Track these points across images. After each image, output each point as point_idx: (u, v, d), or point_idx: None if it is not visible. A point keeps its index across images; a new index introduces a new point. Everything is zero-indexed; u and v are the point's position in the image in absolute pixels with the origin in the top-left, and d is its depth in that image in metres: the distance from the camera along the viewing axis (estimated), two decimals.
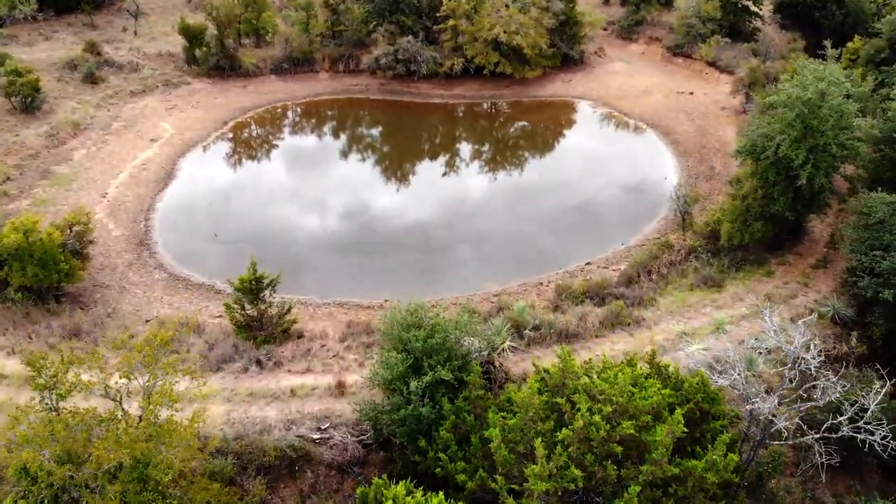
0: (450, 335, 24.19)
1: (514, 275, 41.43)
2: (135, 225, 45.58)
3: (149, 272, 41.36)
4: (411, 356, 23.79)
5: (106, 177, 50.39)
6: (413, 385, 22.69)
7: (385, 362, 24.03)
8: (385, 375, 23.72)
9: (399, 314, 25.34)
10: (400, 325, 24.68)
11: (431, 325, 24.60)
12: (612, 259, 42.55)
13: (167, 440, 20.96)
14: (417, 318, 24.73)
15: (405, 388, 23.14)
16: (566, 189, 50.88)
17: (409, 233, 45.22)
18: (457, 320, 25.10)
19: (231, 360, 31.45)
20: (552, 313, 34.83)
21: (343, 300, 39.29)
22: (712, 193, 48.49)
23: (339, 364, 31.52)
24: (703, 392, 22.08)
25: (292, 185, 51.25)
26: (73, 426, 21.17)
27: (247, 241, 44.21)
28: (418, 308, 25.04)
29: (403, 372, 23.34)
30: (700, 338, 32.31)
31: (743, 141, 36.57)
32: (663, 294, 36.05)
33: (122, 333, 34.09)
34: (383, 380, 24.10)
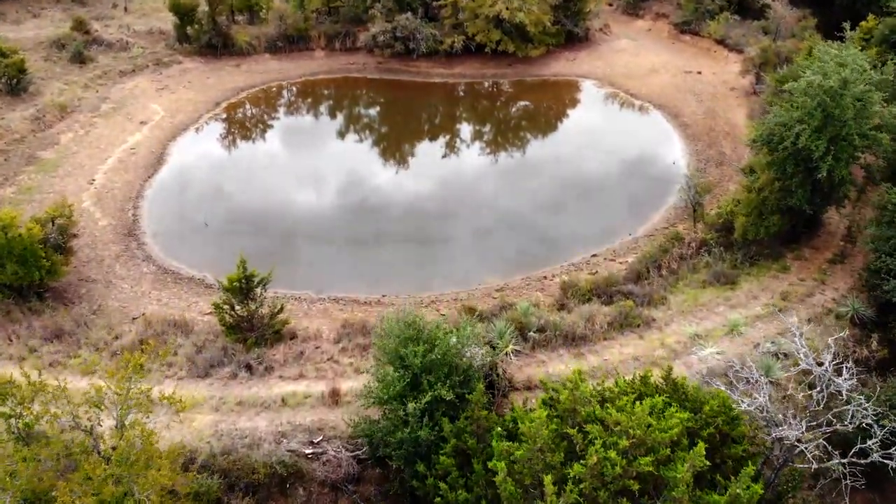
0: (450, 350, 22.53)
1: (517, 268, 39.77)
2: (123, 214, 43.83)
3: (136, 265, 39.69)
4: (409, 372, 22.17)
5: (93, 162, 48.55)
6: (411, 407, 21.09)
7: (381, 380, 22.40)
8: (381, 394, 22.11)
9: (395, 326, 23.65)
10: (396, 339, 23.00)
11: (431, 337, 22.92)
12: (619, 251, 40.84)
13: (140, 481, 19.29)
14: (415, 331, 23.04)
15: (402, 410, 21.54)
16: (570, 174, 49.02)
17: (408, 223, 43.44)
18: (458, 334, 23.39)
19: (220, 365, 29.89)
20: (557, 313, 33.22)
21: (339, 295, 37.66)
22: (722, 180, 46.67)
23: (334, 369, 29.98)
24: (725, 415, 20.48)
25: (287, 171, 49.35)
26: (44, 460, 19.56)
27: (239, 231, 42.50)
28: (416, 320, 23.35)
29: (401, 391, 21.73)
30: (714, 340, 30.70)
31: (758, 130, 34.66)
32: (674, 291, 34.40)
33: (108, 333, 32.55)
34: (379, 398, 22.49)
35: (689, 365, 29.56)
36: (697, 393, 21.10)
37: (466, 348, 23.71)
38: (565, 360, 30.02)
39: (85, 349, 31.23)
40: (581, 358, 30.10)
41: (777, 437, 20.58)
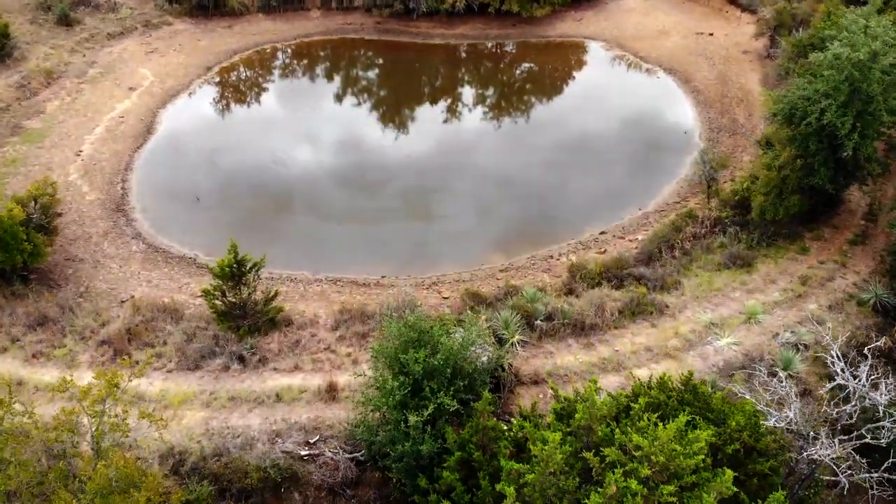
0: (453, 354, 20.98)
1: (522, 246, 38.11)
2: (111, 188, 42.02)
3: (126, 243, 38.04)
4: (410, 378, 20.67)
5: (81, 131, 46.53)
6: (413, 420, 19.61)
7: (380, 387, 20.88)
8: (379, 404, 20.61)
9: (395, 326, 22.06)
10: (396, 342, 21.43)
11: (433, 339, 21.36)
12: (628, 227, 39.12)
13: None
14: (416, 333, 21.45)
15: (403, 422, 20.07)
16: (577, 144, 46.97)
17: (408, 197, 41.62)
18: (463, 335, 21.74)
19: (211, 356, 28.43)
20: (565, 298, 31.68)
21: (336, 276, 36.08)
22: (735, 150, 44.71)
23: (331, 361, 28.52)
24: (751, 428, 19.03)
25: (282, 140, 47.28)
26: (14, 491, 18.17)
27: (232, 206, 40.81)
28: (418, 321, 21.76)
29: (401, 399, 20.24)
30: (730, 329, 29.20)
31: (779, 103, 32.65)
32: (687, 274, 32.79)
33: (94, 320, 31.04)
34: (377, 408, 20.98)
35: (704, 356, 28.13)
36: (721, 404, 19.59)
37: (471, 349, 22.13)
38: (574, 351, 28.58)
39: (70, 338, 29.73)
40: (590, 349, 28.65)
41: (810, 458, 19.14)
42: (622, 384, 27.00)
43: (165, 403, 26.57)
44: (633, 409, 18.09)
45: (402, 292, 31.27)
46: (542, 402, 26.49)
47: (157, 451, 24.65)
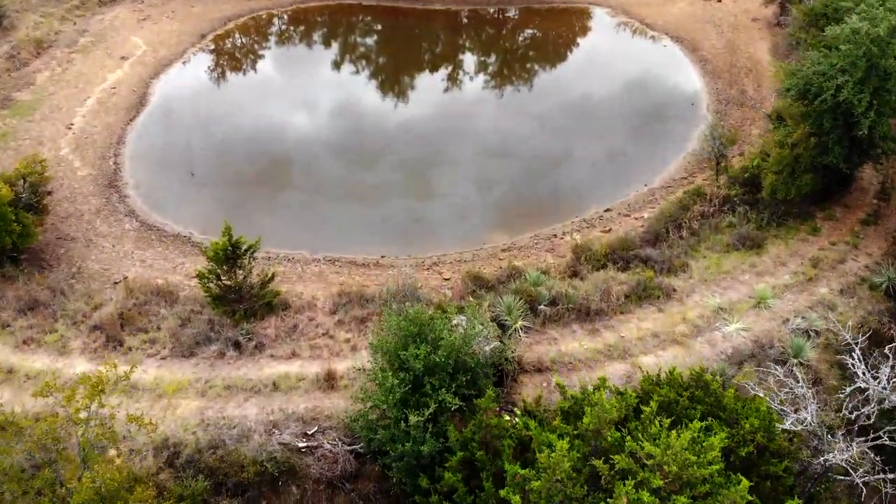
0: (455, 350, 20.17)
1: (525, 224, 37.16)
2: (103, 162, 40.97)
3: (119, 220, 37.12)
4: (410, 374, 19.91)
5: (72, 104, 45.33)
6: (413, 420, 18.89)
7: (380, 385, 20.09)
8: (379, 402, 19.85)
9: (395, 320, 21.23)
10: (396, 336, 20.61)
11: (434, 331, 20.56)
12: (634, 205, 38.14)
13: None
14: (417, 327, 20.64)
15: (403, 421, 19.36)
16: (580, 116, 45.78)
17: (408, 172, 40.54)
18: (464, 333, 20.89)
19: (206, 342, 27.68)
20: (569, 280, 30.85)
21: (335, 256, 35.21)
22: (744, 123, 43.53)
23: (329, 347, 27.76)
24: (765, 430, 18.32)
25: (279, 112, 46.05)
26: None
27: (227, 182, 39.84)
28: (418, 314, 20.93)
29: (402, 396, 19.50)
30: (739, 314, 28.40)
31: (793, 79, 31.45)
32: (695, 256, 31.92)
33: (86, 303, 30.26)
34: (376, 405, 20.21)
35: (712, 343, 27.38)
36: (734, 403, 18.83)
37: (474, 342, 21.33)
38: (578, 337, 27.83)
39: (62, 323, 28.97)
40: (595, 335, 27.88)
41: (826, 462, 18.46)
42: (628, 372, 26.34)
43: (159, 392, 25.90)
44: (645, 413, 17.35)
45: (403, 273, 30.41)
46: (546, 390, 25.85)
47: (152, 443, 24.07)
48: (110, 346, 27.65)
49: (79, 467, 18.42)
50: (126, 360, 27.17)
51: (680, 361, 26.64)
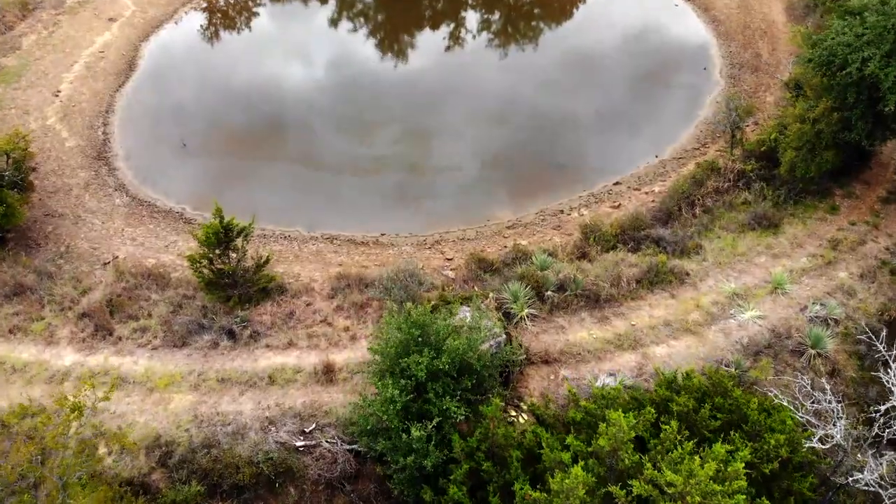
0: (459, 354, 18.97)
1: (530, 199, 35.69)
2: (92, 132, 39.34)
3: (108, 195, 35.70)
4: (412, 380, 18.78)
5: (58, 69, 43.42)
6: (416, 434, 17.80)
7: (380, 393, 18.93)
8: (380, 412, 18.72)
9: (395, 321, 20.00)
10: (397, 341, 19.39)
11: (438, 334, 19.37)
12: (644, 178, 36.63)
13: None
14: (419, 329, 19.43)
15: (405, 434, 18.27)
16: (588, 80, 43.84)
17: (409, 142, 38.82)
18: (468, 338, 19.57)
19: (199, 331, 26.55)
20: (577, 262, 29.58)
21: (333, 233, 33.89)
22: (758, 89, 41.68)
23: (327, 336, 26.63)
24: (790, 444, 17.25)
25: (275, 76, 44.13)
26: None
27: (221, 153, 38.24)
28: (421, 316, 19.68)
29: (404, 403, 18.38)
30: (755, 301, 27.22)
31: (816, 50, 29.69)
32: (709, 236, 30.59)
33: (74, 287, 29.08)
34: (377, 417, 19.07)
35: (727, 332, 26.25)
36: (758, 414, 17.70)
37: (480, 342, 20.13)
38: (587, 325, 26.69)
39: (49, 309, 27.84)
40: (605, 323, 26.74)
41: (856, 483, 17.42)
42: (639, 363, 25.28)
43: (151, 386, 24.88)
44: (665, 433, 16.24)
45: (404, 253, 29.17)
46: (554, 383, 24.86)
47: (144, 441, 23.15)
48: (99, 335, 26.53)
49: (59, 492, 17.37)
50: (116, 350, 26.18)
51: (693, 352, 25.61)
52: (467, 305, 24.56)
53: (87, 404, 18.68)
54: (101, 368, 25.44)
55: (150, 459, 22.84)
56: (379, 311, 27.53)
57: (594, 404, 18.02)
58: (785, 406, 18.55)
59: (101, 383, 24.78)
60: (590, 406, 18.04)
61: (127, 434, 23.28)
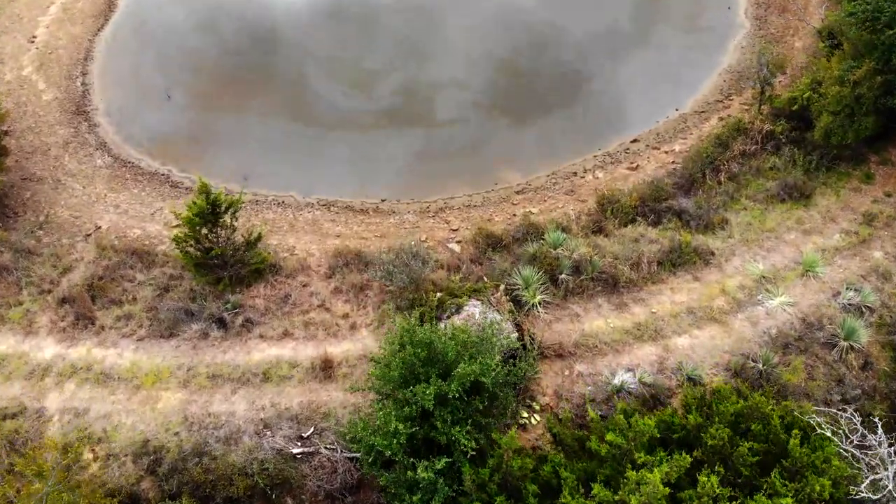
0: (468, 377, 17.14)
1: (541, 159, 33.26)
2: (70, 83, 36.62)
3: (89, 155, 33.36)
4: (417, 407, 17.05)
5: (33, 12, 40.28)
6: (423, 474, 16.17)
7: (382, 423, 17.18)
8: (381, 445, 17.03)
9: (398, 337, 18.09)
10: (401, 364, 17.54)
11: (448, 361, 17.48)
12: (664, 135, 34.11)
13: None
14: (425, 347, 17.57)
15: (410, 469, 16.66)
16: (602, 24, 40.51)
17: (411, 96, 36.05)
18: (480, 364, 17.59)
19: (187, 319, 24.76)
20: (593, 237, 27.54)
21: (330, 199, 31.71)
22: (786, 33, 38.55)
23: (325, 324, 24.86)
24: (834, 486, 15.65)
25: (264, 17, 40.78)
26: None
27: (209, 106, 35.60)
28: (426, 335, 17.75)
29: (408, 434, 16.72)
30: (784, 285, 25.32)
31: (860, 3, 26.84)
32: (735, 208, 28.39)
33: (54, 266, 27.18)
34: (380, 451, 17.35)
35: (754, 321, 24.45)
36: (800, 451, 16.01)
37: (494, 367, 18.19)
38: (604, 313, 24.87)
39: (27, 293, 26.01)
40: (623, 310, 24.91)
41: None
42: (660, 357, 23.59)
43: (137, 383, 23.26)
44: (702, 487, 14.56)
45: (406, 236, 27.15)
46: (569, 379, 23.23)
47: (131, 446, 21.71)
48: (80, 324, 24.76)
49: None
50: (98, 341, 24.47)
51: (718, 344, 23.89)
52: (476, 298, 22.72)
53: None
54: (83, 362, 23.80)
55: (139, 467, 21.46)
56: (380, 295, 25.74)
57: (621, 437, 16.32)
58: (830, 438, 16.89)
59: (84, 380, 23.38)
60: (617, 440, 16.33)
61: (113, 438, 21.93)
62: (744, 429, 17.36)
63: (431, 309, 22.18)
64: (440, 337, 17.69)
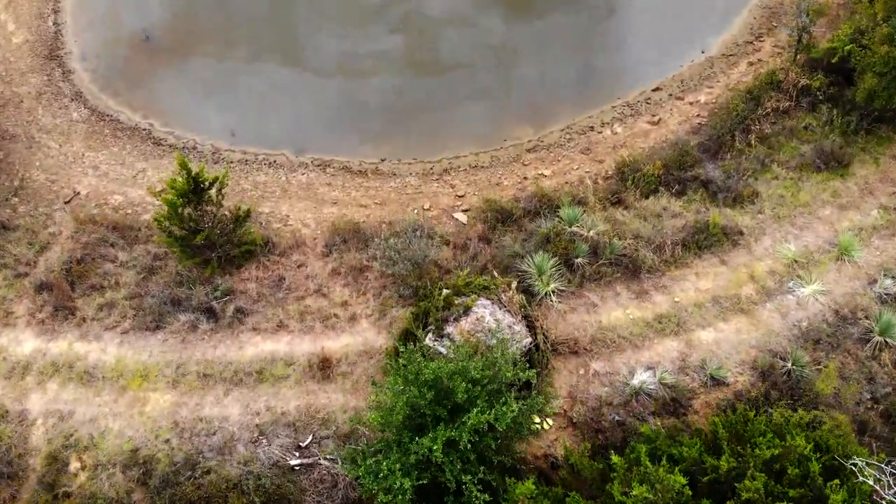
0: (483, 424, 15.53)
1: (554, 111, 30.61)
2: (41, 23, 33.54)
3: (64, 107, 30.82)
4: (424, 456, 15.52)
5: None
6: None
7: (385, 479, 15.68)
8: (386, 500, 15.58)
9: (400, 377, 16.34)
10: (405, 404, 15.87)
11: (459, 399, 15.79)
12: (688, 82, 31.31)
13: None
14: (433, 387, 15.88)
15: None
16: None
17: (411, 37, 32.97)
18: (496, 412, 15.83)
19: (174, 309, 23.02)
20: (612, 210, 25.45)
21: (325, 158, 29.39)
22: None
23: (322, 314, 23.15)
24: None
25: None
26: None
27: (191, 48, 32.64)
28: (433, 372, 15.99)
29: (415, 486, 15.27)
30: (817, 270, 23.42)
31: None
32: (766, 177, 26.06)
33: (30, 244, 25.29)
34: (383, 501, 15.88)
35: (783, 311, 22.70)
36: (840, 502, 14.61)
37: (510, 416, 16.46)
38: (623, 302, 23.09)
39: (2, 277, 24.20)
40: (644, 299, 23.12)
41: None
42: (682, 354, 22.01)
43: (123, 384, 21.79)
44: None
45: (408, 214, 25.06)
46: (584, 380, 21.74)
47: (120, 455, 20.48)
48: (60, 315, 23.07)
49: None
50: (80, 334, 22.86)
51: (745, 338, 22.25)
52: (486, 297, 20.92)
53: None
54: (65, 359, 22.29)
55: (129, 478, 20.26)
56: (381, 280, 23.93)
57: (650, 491, 14.80)
58: (873, 487, 15.44)
59: (68, 379, 21.93)
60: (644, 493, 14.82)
61: (100, 445, 20.69)
62: (778, 469, 15.93)
63: (437, 309, 20.38)
64: (448, 374, 15.94)
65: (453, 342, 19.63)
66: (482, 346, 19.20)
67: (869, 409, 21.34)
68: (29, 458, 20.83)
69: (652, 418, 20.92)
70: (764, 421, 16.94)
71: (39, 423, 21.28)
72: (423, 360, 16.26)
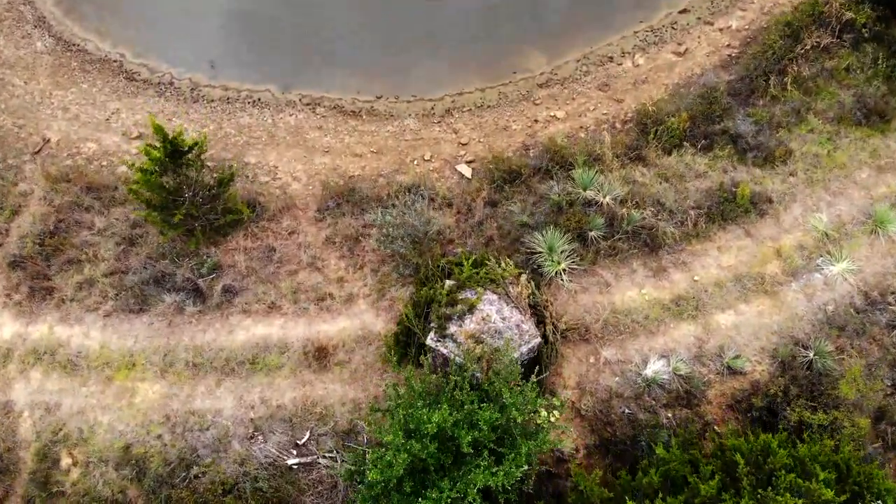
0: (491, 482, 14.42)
1: (570, 37, 27.71)
2: None
3: (27, 36, 27.96)
4: None
5: None
6: None
7: None
8: None
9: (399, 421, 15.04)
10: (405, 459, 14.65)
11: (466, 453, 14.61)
12: (718, 2, 28.17)
13: None
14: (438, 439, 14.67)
15: None
16: None
17: None
18: (507, 472, 14.57)
19: (159, 288, 21.52)
20: (631, 167, 23.34)
21: (315, 95, 26.85)
22: None
23: (317, 292, 21.64)
24: None
25: None
26: None
27: None
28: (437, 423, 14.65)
29: None
30: (849, 245, 21.68)
31: None
32: (800, 131, 23.70)
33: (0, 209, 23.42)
34: None
35: (809, 293, 21.17)
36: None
37: None
38: (639, 281, 21.49)
39: None
40: (661, 276, 21.51)
41: None
42: (699, 340, 20.68)
43: (108, 374, 20.68)
44: None
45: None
46: (594, 368, 20.61)
47: (111, 452, 19.76)
48: (38, 296, 21.60)
49: None
50: (60, 316, 21.50)
51: (766, 322, 20.88)
52: (492, 292, 19.36)
53: None
54: (46, 345, 21.03)
55: (121, 475, 19.61)
56: (378, 252, 22.27)
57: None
58: None
59: (51, 367, 20.86)
60: None
61: (90, 440, 19.94)
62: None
63: (440, 305, 18.90)
64: (451, 425, 14.67)
65: (457, 343, 18.37)
66: (488, 351, 17.91)
67: (888, 395, 20.36)
68: (19, 452, 20.09)
69: (663, 410, 19.98)
70: (785, 455, 15.90)
71: (26, 415, 20.36)
72: (425, 410, 14.88)
